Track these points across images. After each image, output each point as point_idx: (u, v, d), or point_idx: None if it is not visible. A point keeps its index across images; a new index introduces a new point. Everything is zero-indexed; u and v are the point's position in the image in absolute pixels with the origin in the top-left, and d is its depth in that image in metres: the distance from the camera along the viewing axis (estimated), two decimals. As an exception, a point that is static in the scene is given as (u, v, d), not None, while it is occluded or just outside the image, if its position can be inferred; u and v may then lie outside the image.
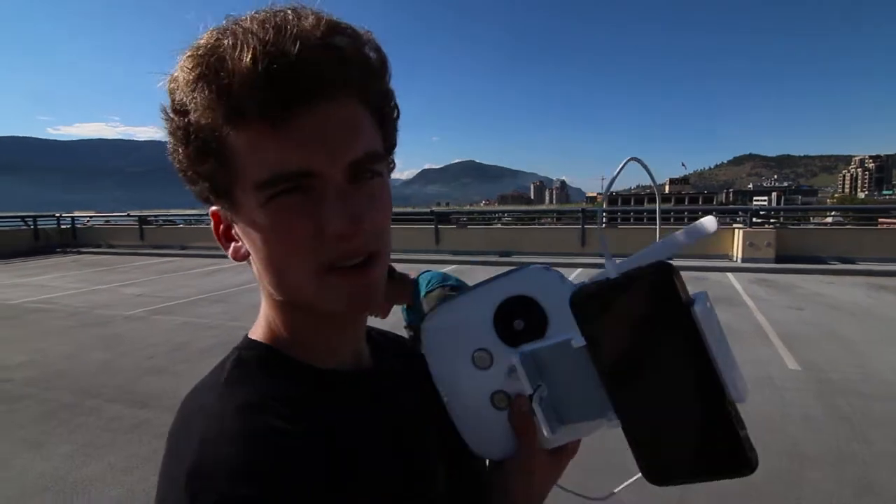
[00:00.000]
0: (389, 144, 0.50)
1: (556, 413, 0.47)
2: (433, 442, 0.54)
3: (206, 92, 0.40)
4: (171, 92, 0.43)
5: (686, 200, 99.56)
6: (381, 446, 0.49)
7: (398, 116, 0.50)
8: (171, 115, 0.43)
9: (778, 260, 10.03)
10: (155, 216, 17.77)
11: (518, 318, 0.48)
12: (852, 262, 9.77)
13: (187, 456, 0.40)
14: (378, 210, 0.46)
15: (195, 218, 17.27)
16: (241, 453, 0.39)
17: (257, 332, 0.52)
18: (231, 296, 8.34)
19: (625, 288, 0.38)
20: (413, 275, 1.77)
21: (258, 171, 0.42)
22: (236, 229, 0.48)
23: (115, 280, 10.25)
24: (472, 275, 10.64)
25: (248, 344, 0.51)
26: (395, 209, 0.51)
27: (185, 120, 0.42)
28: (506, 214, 23.46)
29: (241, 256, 0.49)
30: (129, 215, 18.06)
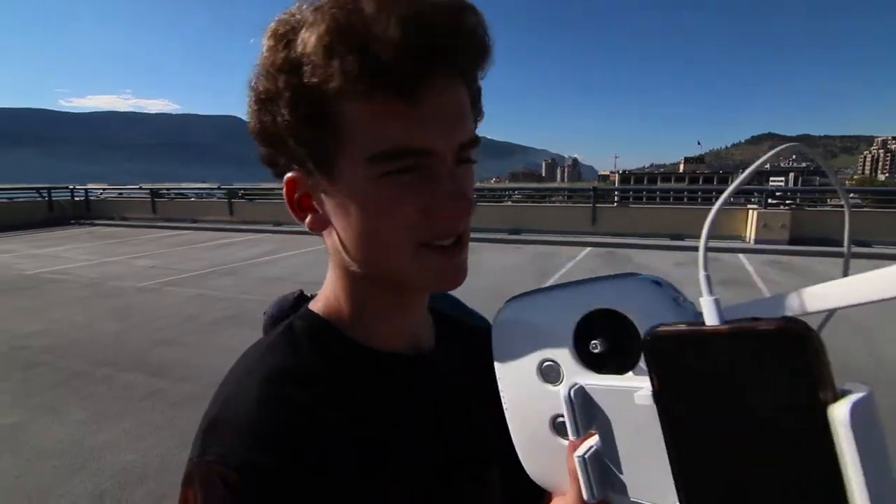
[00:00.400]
0: (476, 125, 0.49)
1: (603, 474, 0.36)
2: (485, 436, 0.51)
3: (345, 58, 0.37)
4: (286, 47, 0.40)
5: (700, 180, 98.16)
6: (415, 435, 0.49)
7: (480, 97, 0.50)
8: (279, 73, 0.40)
9: (792, 242, 9.87)
10: (167, 189, 17.83)
11: (600, 339, 0.38)
12: (868, 245, 9.60)
13: (213, 410, 0.43)
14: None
15: (206, 192, 17.32)
16: (251, 418, 0.42)
17: (317, 305, 0.52)
18: (241, 269, 8.41)
19: (727, 345, 0.26)
20: None
21: (376, 143, 0.40)
22: (322, 199, 0.45)
23: (128, 252, 10.37)
24: (482, 252, 10.57)
25: (305, 314, 0.51)
26: None
27: (299, 81, 0.39)
28: (516, 192, 23.27)
29: (320, 227, 0.47)
30: (140, 188, 18.17)
